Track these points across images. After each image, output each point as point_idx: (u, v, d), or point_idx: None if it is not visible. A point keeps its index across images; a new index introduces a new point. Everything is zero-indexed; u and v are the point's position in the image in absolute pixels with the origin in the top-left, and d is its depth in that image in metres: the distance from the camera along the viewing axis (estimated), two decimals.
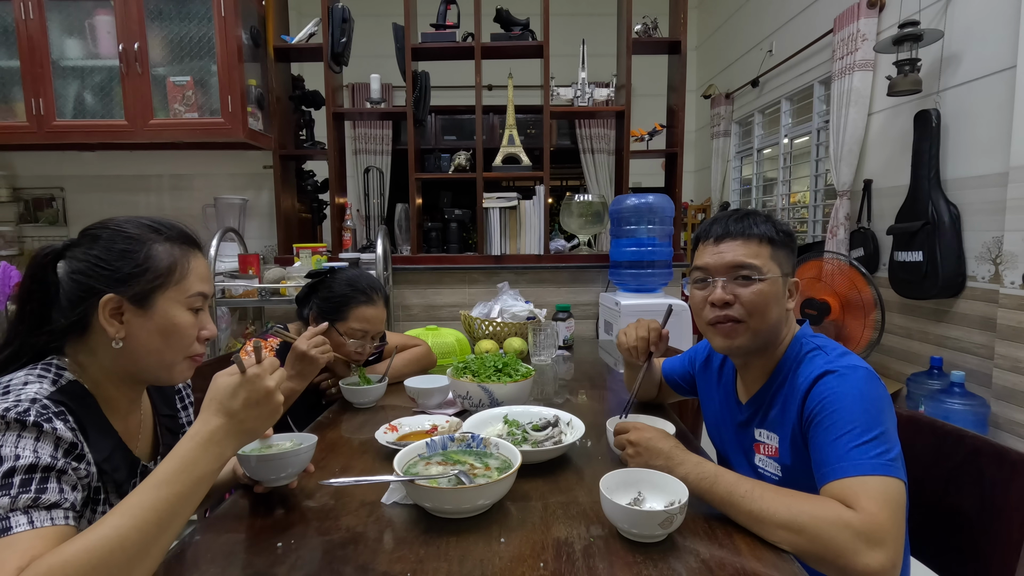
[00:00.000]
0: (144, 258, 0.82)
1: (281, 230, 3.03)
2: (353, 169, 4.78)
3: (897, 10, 2.72)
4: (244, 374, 0.75)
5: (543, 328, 1.86)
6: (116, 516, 0.63)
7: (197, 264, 0.87)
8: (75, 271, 0.81)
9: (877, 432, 0.83)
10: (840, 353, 0.95)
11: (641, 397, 1.40)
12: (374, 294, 1.49)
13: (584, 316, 3.03)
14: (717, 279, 1.01)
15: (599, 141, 5.10)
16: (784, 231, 1.03)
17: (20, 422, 0.68)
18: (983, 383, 2.25)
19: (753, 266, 0.99)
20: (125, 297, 0.80)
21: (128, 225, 0.84)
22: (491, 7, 2.96)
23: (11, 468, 0.65)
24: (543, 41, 2.89)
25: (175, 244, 0.85)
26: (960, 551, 0.96)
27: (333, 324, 1.45)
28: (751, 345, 1.02)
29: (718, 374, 1.20)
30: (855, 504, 0.76)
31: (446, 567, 0.73)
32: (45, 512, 0.65)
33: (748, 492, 0.82)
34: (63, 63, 2.59)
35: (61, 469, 0.69)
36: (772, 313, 0.99)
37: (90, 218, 0.87)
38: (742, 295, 0.99)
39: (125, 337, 0.81)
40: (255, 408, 0.75)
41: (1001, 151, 2.15)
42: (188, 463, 0.69)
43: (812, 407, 0.90)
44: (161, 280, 0.82)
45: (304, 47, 2.99)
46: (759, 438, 1.04)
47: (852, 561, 0.73)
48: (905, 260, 2.52)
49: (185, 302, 0.84)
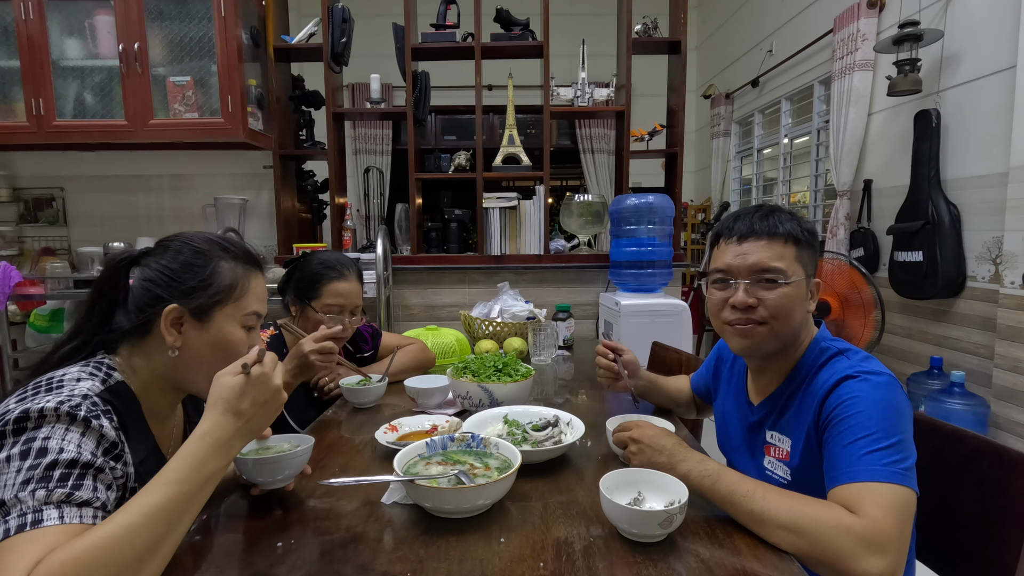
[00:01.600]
0: (209, 273, 0.86)
1: (281, 230, 3.03)
2: (353, 169, 4.78)
3: (897, 10, 2.72)
4: (249, 374, 0.76)
5: (543, 328, 1.86)
6: (125, 514, 0.64)
7: (257, 284, 0.91)
8: (146, 278, 0.85)
9: (894, 440, 0.81)
10: (863, 358, 0.93)
11: (662, 404, 1.41)
12: (345, 270, 1.52)
13: (584, 316, 3.03)
14: (740, 281, 0.97)
15: (599, 141, 5.10)
16: (809, 230, 0.99)
17: (71, 416, 0.71)
18: (983, 383, 2.25)
19: (779, 269, 0.95)
20: (187, 309, 0.84)
21: (198, 240, 0.88)
22: (491, 7, 2.96)
23: (54, 461, 0.67)
24: (543, 41, 2.90)
25: (239, 262, 0.89)
26: (960, 551, 0.96)
27: (309, 303, 1.47)
28: (770, 348, 0.99)
29: (729, 373, 1.19)
30: (860, 509, 0.75)
31: (446, 567, 0.73)
32: (76, 509, 0.66)
33: (750, 492, 0.81)
34: (63, 63, 2.59)
35: (99, 467, 0.70)
36: (796, 316, 0.97)
37: (90, 218, 0.89)
38: (767, 298, 0.96)
39: (181, 347, 0.84)
40: (263, 407, 0.77)
41: (1001, 151, 2.15)
42: (197, 462, 0.71)
43: (830, 410, 0.88)
44: (222, 296, 0.86)
45: (304, 47, 2.99)
46: (770, 440, 1.02)
47: (851, 566, 0.71)
48: (905, 260, 2.52)
49: (241, 319, 0.88)
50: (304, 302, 1.48)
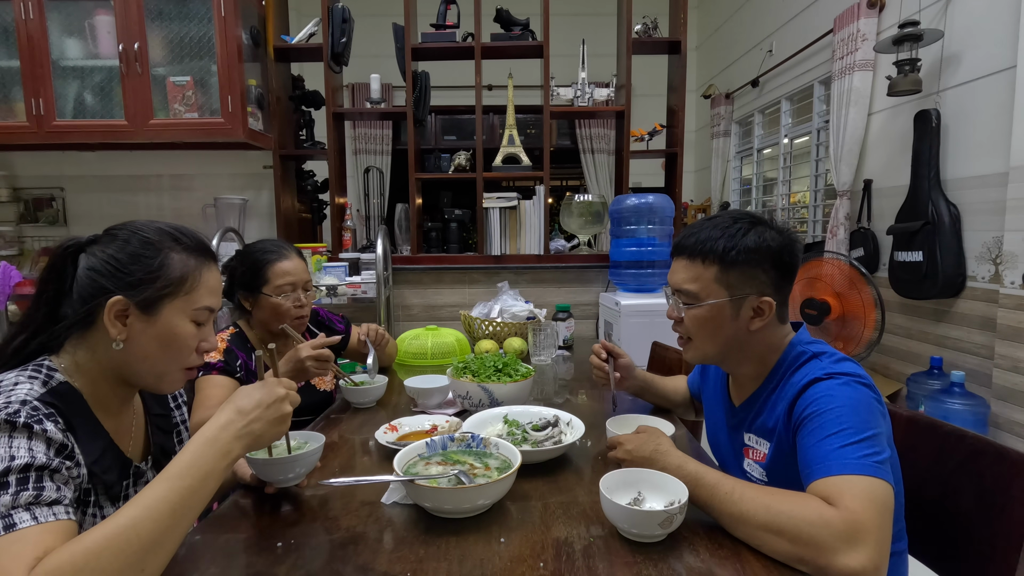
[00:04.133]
0: (158, 265, 0.82)
1: (281, 230, 3.03)
2: (353, 169, 4.78)
3: (897, 10, 2.72)
4: (263, 379, 0.78)
5: (543, 328, 1.86)
6: (132, 507, 0.65)
7: (209, 277, 0.87)
8: (91, 267, 0.81)
9: (867, 435, 0.81)
10: (836, 359, 0.93)
11: (659, 404, 1.41)
12: (284, 250, 1.53)
13: (584, 316, 3.03)
14: (672, 296, 1.03)
15: (599, 141, 5.10)
16: (744, 248, 0.94)
17: (10, 423, 0.69)
18: (983, 383, 2.25)
19: (688, 291, 0.98)
20: (133, 301, 0.80)
21: (148, 230, 0.84)
22: (491, 7, 2.96)
23: (6, 468, 0.65)
24: (543, 41, 2.90)
25: (191, 254, 0.85)
26: (960, 551, 0.96)
27: (260, 291, 1.47)
28: (704, 360, 1.04)
29: (714, 377, 1.20)
30: (838, 502, 0.75)
31: (446, 567, 0.73)
32: (47, 508, 0.66)
33: (729, 493, 0.80)
34: (63, 63, 2.59)
35: (55, 468, 0.69)
36: (716, 336, 0.98)
37: (90, 218, 0.87)
38: (684, 317, 1.00)
39: (126, 340, 0.81)
40: (266, 410, 0.78)
41: (1001, 151, 2.15)
42: (197, 457, 0.71)
43: (801, 409, 0.89)
44: (171, 289, 0.82)
45: (304, 47, 2.99)
46: (748, 442, 1.03)
47: (832, 561, 0.71)
48: (905, 260, 2.52)
49: (191, 314, 0.84)
50: (255, 292, 1.48)
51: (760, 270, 0.96)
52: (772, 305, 0.96)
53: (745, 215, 0.99)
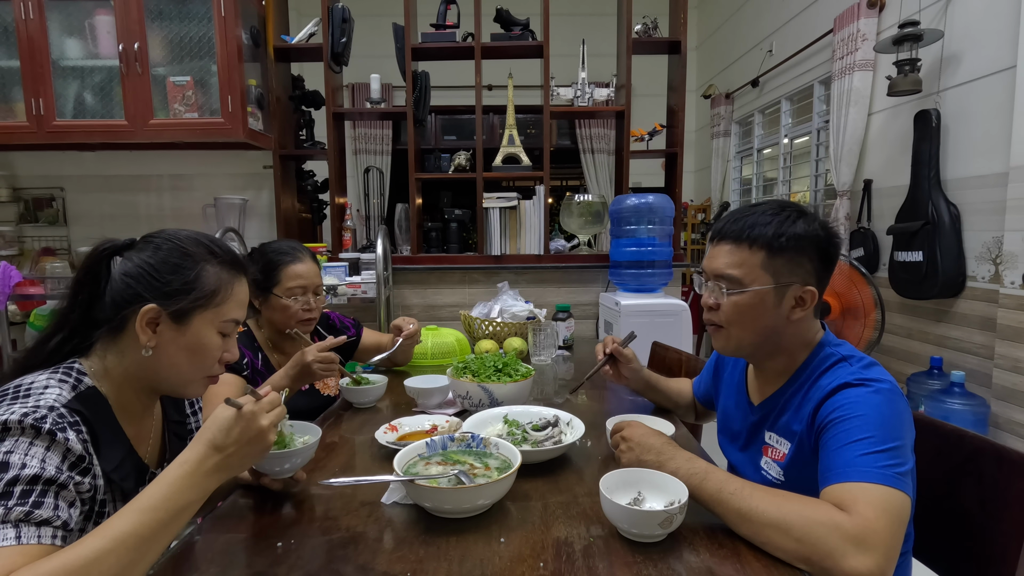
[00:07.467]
0: (194, 277, 0.83)
1: (281, 230, 3.03)
2: (353, 169, 4.78)
3: (897, 10, 2.72)
4: (240, 411, 0.75)
5: (543, 328, 1.86)
6: (96, 538, 0.63)
7: (239, 290, 0.89)
8: (127, 273, 0.82)
9: (892, 445, 0.80)
10: (866, 364, 0.91)
11: (661, 404, 1.41)
12: (298, 252, 1.53)
13: (584, 316, 3.03)
14: (708, 282, 1.00)
15: (599, 141, 5.10)
16: (794, 235, 0.93)
17: (35, 428, 0.69)
18: (983, 383, 2.25)
19: (732, 277, 0.95)
20: (166, 311, 0.81)
21: (185, 240, 0.85)
22: (491, 7, 2.96)
23: (15, 477, 0.65)
24: (543, 41, 2.89)
25: (224, 267, 0.87)
26: (960, 551, 0.96)
27: (271, 291, 1.48)
28: (737, 351, 1.01)
29: (731, 372, 1.19)
30: (851, 508, 0.74)
31: (446, 567, 0.73)
32: (34, 528, 0.65)
33: (737, 490, 0.80)
34: (63, 63, 2.59)
35: (63, 483, 0.69)
36: (756, 324, 0.96)
37: (90, 218, 0.88)
38: (722, 304, 0.97)
39: (155, 347, 0.82)
40: (246, 446, 0.75)
41: (1001, 151, 2.15)
42: (172, 492, 0.69)
43: (826, 414, 0.87)
44: (203, 301, 0.84)
45: (304, 47, 2.99)
46: (768, 441, 1.02)
47: (838, 563, 0.70)
48: (905, 260, 2.52)
49: (219, 325, 0.86)
50: (266, 292, 1.49)
51: (806, 258, 0.94)
52: (815, 295, 0.95)
53: (790, 204, 0.98)
